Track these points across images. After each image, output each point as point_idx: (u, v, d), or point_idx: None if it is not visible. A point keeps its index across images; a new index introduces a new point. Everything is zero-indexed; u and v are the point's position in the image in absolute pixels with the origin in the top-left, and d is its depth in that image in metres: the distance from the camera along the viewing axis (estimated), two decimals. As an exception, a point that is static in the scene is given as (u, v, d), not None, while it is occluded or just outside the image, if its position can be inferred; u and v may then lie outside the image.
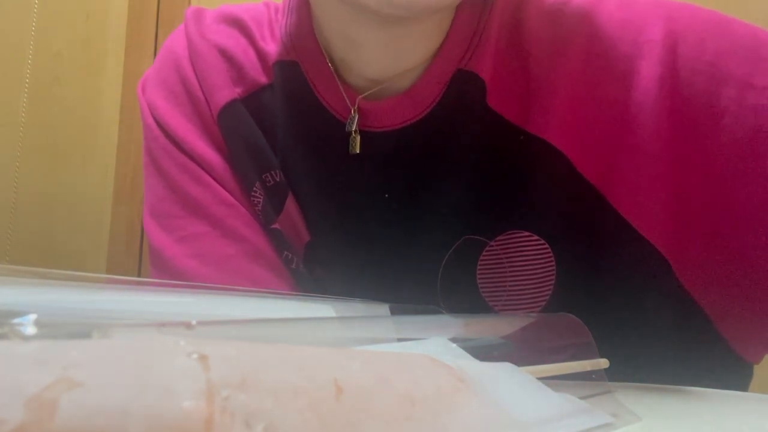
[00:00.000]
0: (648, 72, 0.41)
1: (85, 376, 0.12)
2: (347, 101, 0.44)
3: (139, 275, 1.09)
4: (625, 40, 0.42)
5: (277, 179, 0.47)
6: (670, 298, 0.43)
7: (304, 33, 0.46)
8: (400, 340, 0.25)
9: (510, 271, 0.43)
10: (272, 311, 0.30)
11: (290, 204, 0.47)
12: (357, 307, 0.34)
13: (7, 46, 1.25)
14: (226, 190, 0.47)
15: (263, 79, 0.48)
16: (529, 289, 0.43)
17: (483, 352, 0.25)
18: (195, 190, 0.47)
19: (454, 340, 0.26)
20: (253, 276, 0.46)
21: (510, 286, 0.43)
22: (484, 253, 0.44)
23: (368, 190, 0.45)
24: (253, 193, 0.48)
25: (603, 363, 0.30)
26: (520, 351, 0.28)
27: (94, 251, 1.13)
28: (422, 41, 0.43)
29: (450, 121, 0.43)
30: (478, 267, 0.44)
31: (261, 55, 0.48)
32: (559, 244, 0.42)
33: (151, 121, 0.49)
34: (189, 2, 1.13)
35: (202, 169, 0.48)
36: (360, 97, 0.43)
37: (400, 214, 0.45)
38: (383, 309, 0.34)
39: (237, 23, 0.49)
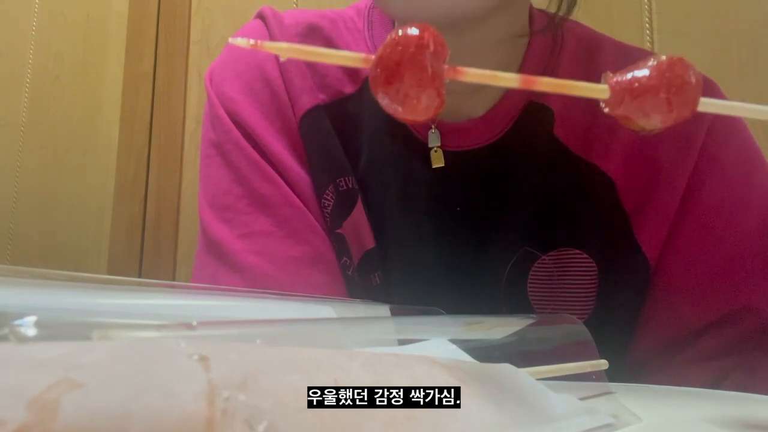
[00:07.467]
0: (701, 151, 0.45)
1: (86, 377, 0.12)
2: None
3: (139, 275, 1.09)
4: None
5: (350, 185, 0.49)
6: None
7: None
8: (400, 341, 0.25)
9: (558, 284, 0.47)
10: (273, 312, 0.30)
11: (358, 210, 0.49)
12: (357, 308, 0.34)
13: (7, 46, 1.25)
14: (296, 192, 0.48)
15: (348, 89, 0.49)
16: (575, 301, 0.47)
17: (483, 353, 0.25)
18: (264, 188, 0.47)
19: (454, 341, 0.26)
20: (313, 281, 0.47)
21: (558, 298, 0.47)
22: (535, 265, 0.48)
23: (441, 203, 0.48)
24: (324, 197, 0.49)
25: (603, 364, 0.30)
26: (520, 352, 0.28)
27: (94, 251, 1.13)
28: (485, 55, 0.46)
29: (519, 146, 0.47)
30: (529, 278, 0.48)
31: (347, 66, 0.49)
32: (602, 263, 0.46)
33: (222, 113, 0.49)
34: (189, 2, 1.13)
35: (274, 168, 0.48)
36: (438, 117, 0.46)
37: (469, 226, 0.48)
38: (384, 310, 0.34)
39: (317, 31, 0.50)
